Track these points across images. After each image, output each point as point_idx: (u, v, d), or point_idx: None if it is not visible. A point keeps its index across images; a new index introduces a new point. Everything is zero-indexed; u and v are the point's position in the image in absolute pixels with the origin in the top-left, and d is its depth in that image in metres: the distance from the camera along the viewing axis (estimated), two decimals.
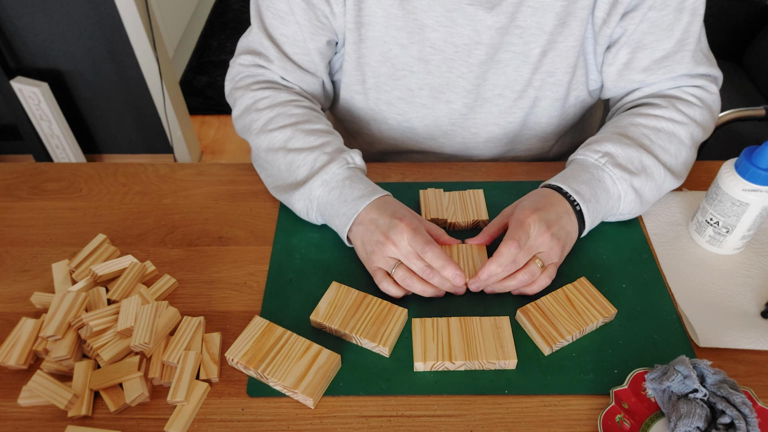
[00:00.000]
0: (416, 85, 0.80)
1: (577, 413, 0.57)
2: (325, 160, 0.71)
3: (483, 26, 0.73)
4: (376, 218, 0.66)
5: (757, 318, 0.65)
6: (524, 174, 0.82)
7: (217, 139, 2.22)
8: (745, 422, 0.52)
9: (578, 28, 0.74)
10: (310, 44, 0.78)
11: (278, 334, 0.62)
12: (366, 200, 0.67)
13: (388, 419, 0.57)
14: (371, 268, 0.67)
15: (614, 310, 0.64)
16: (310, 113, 0.77)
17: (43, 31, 1.74)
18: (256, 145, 0.76)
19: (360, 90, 0.83)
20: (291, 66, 0.79)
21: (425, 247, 0.63)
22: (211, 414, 0.58)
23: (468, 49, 0.75)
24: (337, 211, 0.69)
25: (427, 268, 0.64)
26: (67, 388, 0.56)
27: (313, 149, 0.72)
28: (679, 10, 0.72)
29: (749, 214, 0.66)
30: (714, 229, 0.69)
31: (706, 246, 0.72)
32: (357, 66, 0.80)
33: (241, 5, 2.79)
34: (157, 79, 1.83)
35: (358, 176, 0.71)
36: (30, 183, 0.82)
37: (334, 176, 0.70)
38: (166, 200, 0.80)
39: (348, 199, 0.68)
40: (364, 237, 0.67)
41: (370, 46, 0.77)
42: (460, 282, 0.63)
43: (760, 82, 1.53)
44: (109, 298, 0.65)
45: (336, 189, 0.69)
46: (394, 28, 0.75)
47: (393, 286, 0.65)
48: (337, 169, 0.70)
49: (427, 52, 0.76)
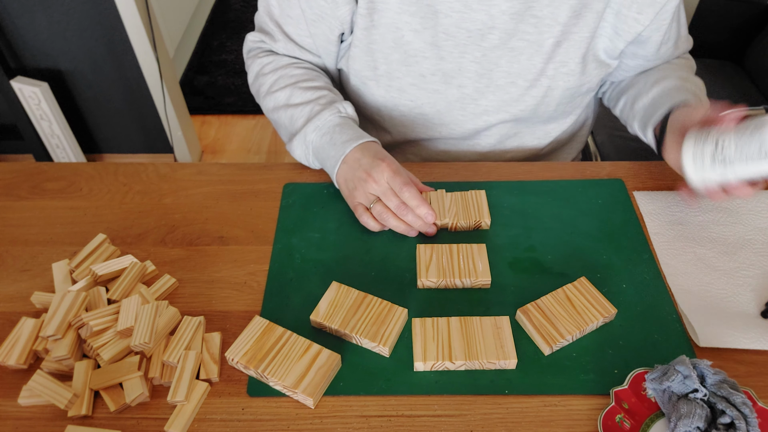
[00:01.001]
0: (428, 71, 0.80)
1: (577, 413, 0.57)
2: (318, 109, 0.78)
3: (497, 11, 0.74)
4: (359, 158, 0.73)
5: (757, 318, 0.65)
6: (525, 174, 0.82)
7: (217, 138, 2.22)
8: (745, 422, 0.52)
9: (593, 20, 0.75)
10: (313, 29, 0.80)
11: (278, 333, 0.62)
12: (353, 143, 0.74)
13: (388, 419, 0.57)
14: (353, 203, 0.74)
15: (614, 310, 0.64)
16: (309, 72, 0.84)
17: (43, 31, 1.74)
18: (265, 107, 0.84)
19: (371, 76, 0.83)
20: (293, 47, 0.84)
21: (403, 187, 0.70)
22: (211, 414, 0.58)
23: (481, 34, 0.76)
24: (327, 154, 0.75)
25: (402, 206, 0.70)
26: (67, 388, 0.56)
27: (309, 102, 0.79)
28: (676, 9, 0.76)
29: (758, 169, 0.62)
30: (714, 151, 0.64)
31: (686, 158, 0.66)
32: (368, 52, 0.80)
33: (242, 5, 2.79)
34: (157, 79, 1.83)
35: (348, 124, 0.77)
36: (30, 183, 0.82)
37: (326, 122, 0.77)
38: (167, 200, 0.80)
39: (337, 142, 0.75)
40: (347, 175, 0.73)
41: (383, 33, 0.78)
42: (431, 219, 0.71)
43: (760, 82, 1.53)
44: (109, 298, 0.65)
45: (327, 134, 0.76)
46: (408, 14, 0.75)
47: (372, 220, 0.72)
48: (329, 116, 0.77)
49: (440, 38, 0.77)
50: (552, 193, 0.79)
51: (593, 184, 0.80)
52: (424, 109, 0.85)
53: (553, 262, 0.71)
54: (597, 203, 0.78)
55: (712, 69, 1.57)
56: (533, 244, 0.73)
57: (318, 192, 0.80)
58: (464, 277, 0.67)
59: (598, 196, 0.79)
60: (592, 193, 0.79)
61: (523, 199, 0.78)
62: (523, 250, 0.72)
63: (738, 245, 0.72)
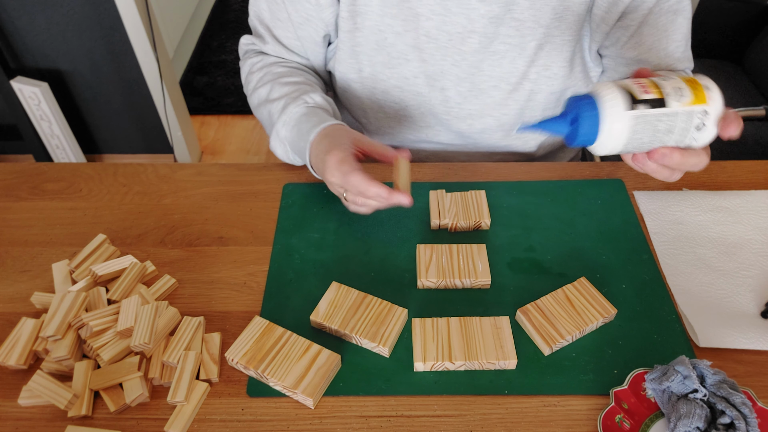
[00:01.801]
0: (411, 74, 0.81)
1: (576, 413, 0.57)
2: (286, 102, 0.76)
3: (476, 15, 0.74)
4: (318, 153, 0.69)
5: (757, 318, 0.65)
6: (524, 174, 0.82)
7: (217, 139, 2.22)
8: (745, 422, 0.52)
9: (575, 23, 0.75)
10: (300, 32, 0.80)
11: (278, 334, 0.62)
12: (314, 131, 0.71)
13: (388, 419, 0.57)
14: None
15: (614, 310, 0.64)
16: (292, 70, 0.83)
17: (43, 31, 1.74)
18: (251, 104, 0.84)
19: (356, 79, 0.84)
20: (282, 49, 0.84)
21: (346, 178, 0.64)
22: (211, 414, 0.58)
23: (461, 38, 0.76)
24: (299, 146, 0.74)
25: (358, 198, 0.66)
26: (67, 388, 0.56)
27: (283, 97, 0.77)
28: (675, 12, 0.74)
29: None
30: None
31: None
32: (352, 54, 0.81)
33: (241, 5, 2.79)
34: (157, 79, 1.83)
35: (314, 111, 0.75)
36: (30, 183, 0.82)
37: (293, 115, 0.75)
38: (166, 200, 0.80)
39: (303, 132, 0.73)
40: (318, 167, 0.71)
41: (366, 35, 0.78)
42: (383, 198, 0.64)
43: (760, 82, 1.53)
44: (109, 298, 0.65)
45: (295, 126, 0.74)
46: (389, 16, 0.76)
47: (352, 205, 0.68)
48: (294, 108, 0.75)
49: (421, 41, 0.77)
50: (552, 194, 0.79)
51: (593, 184, 0.80)
52: (409, 112, 0.86)
53: (553, 262, 0.71)
54: (596, 203, 0.78)
55: (712, 69, 1.57)
56: (533, 244, 0.73)
57: (317, 192, 0.80)
58: (464, 278, 0.67)
59: (597, 196, 0.79)
60: (591, 193, 0.79)
61: (523, 199, 0.78)
62: (523, 250, 0.72)
63: (738, 245, 0.72)
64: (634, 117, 0.53)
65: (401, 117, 0.87)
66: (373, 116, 0.88)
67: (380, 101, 0.85)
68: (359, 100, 0.87)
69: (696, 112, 0.53)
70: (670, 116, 0.53)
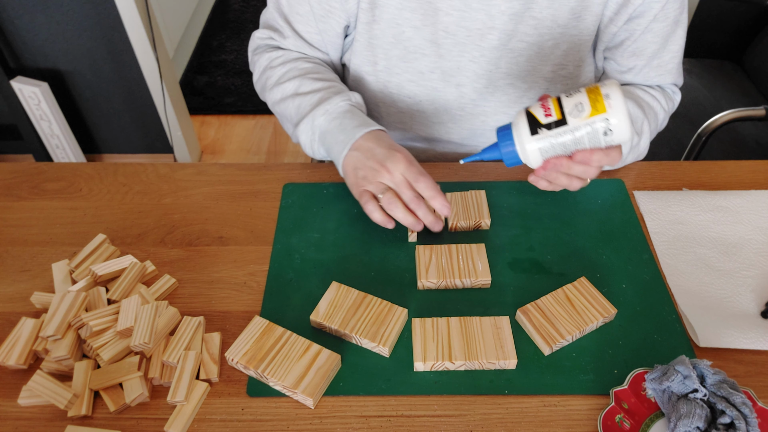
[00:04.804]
0: (427, 68, 0.81)
1: (577, 413, 0.57)
2: (329, 95, 0.76)
3: (496, 11, 0.74)
4: (372, 147, 0.70)
5: (757, 318, 0.65)
6: (524, 174, 0.82)
7: (217, 139, 2.22)
8: (745, 422, 0.52)
9: (592, 23, 0.75)
10: (321, 25, 0.80)
11: (278, 334, 0.62)
12: (363, 129, 0.72)
13: (388, 419, 0.57)
14: (358, 191, 0.71)
15: (614, 310, 0.64)
16: (319, 67, 0.83)
17: (43, 31, 1.74)
18: (272, 99, 0.82)
19: (370, 71, 0.83)
20: (302, 43, 0.83)
21: (419, 177, 0.68)
22: (211, 414, 0.58)
23: (480, 33, 0.76)
24: (336, 138, 0.73)
25: (416, 198, 0.68)
26: (67, 388, 0.56)
27: (320, 90, 0.78)
28: (675, 23, 0.75)
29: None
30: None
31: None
32: (368, 47, 0.81)
33: (241, 5, 2.79)
34: (157, 79, 1.83)
35: (358, 111, 0.76)
36: (30, 183, 0.82)
37: (337, 108, 0.75)
38: (166, 200, 0.80)
39: (347, 127, 0.73)
40: (357, 163, 0.71)
41: (383, 28, 0.78)
42: (446, 212, 0.68)
43: (760, 82, 1.53)
44: (109, 298, 0.65)
45: (337, 119, 0.74)
46: (408, 9, 0.76)
47: (377, 212, 0.69)
48: (339, 101, 0.75)
49: (439, 36, 0.77)
50: (552, 193, 0.79)
51: (593, 184, 0.80)
52: (422, 107, 0.85)
53: (553, 262, 0.71)
54: (597, 203, 0.78)
55: (712, 69, 1.57)
56: (533, 244, 0.73)
57: (317, 192, 0.80)
58: (464, 278, 0.67)
59: (597, 195, 0.79)
60: (591, 192, 0.79)
61: (523, 199, 0.78)
62: (523, 250, 0.72)
63: (738, 245, 0.72)
64: (538, 140, 0.61)
65: (414, 112, 0.87)
66: (386, 110, 0.88)
67: (393, 95, 0.85)
68: (372, 93, 0.87)
69: (598, 121, 0.58)
70: (573, 131, 0.59)
